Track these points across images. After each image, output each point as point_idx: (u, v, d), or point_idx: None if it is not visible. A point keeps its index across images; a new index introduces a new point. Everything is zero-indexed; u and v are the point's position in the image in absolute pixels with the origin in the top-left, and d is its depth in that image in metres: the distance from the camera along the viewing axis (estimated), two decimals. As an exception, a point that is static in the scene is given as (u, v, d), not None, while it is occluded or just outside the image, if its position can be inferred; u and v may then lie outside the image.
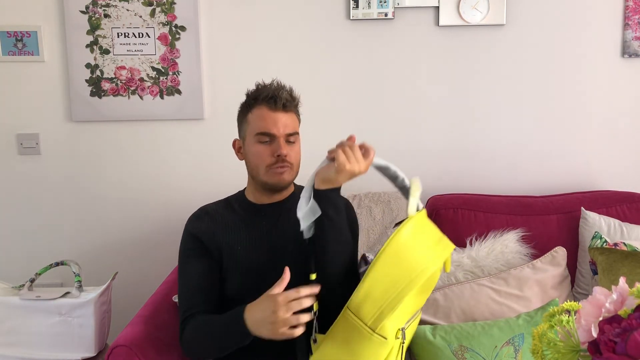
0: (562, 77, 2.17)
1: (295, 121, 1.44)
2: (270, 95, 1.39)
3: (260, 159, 1.40)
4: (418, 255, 1.21)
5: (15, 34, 2.14)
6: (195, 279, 1.42)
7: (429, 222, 1.33)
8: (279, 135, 1.39)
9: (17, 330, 1.71)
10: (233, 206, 1.51)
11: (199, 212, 1.52)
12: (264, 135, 1.39)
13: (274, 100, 1.38)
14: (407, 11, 2.13)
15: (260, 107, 1.40)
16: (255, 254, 1.42)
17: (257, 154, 1.40)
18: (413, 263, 1.19)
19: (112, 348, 1.39)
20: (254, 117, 1.41)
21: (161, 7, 2.13)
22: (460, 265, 1.81)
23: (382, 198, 1.98)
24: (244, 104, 1.46)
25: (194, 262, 1.44)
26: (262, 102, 1.40)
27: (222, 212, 1.50)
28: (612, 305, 0.69)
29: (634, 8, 2.12)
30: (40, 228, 2.24)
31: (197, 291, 1.41)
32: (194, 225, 1.49)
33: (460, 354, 1.51)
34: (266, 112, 1.39)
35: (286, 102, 1.40)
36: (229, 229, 1.46)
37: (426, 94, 2.18)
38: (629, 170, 2.21)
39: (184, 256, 1.48)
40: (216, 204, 1.55)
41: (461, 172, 2.21)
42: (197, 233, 1.46)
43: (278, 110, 1.39)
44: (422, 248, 1.23)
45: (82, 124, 2.20)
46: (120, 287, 2.11)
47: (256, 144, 1.40)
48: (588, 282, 1.88)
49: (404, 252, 1.20)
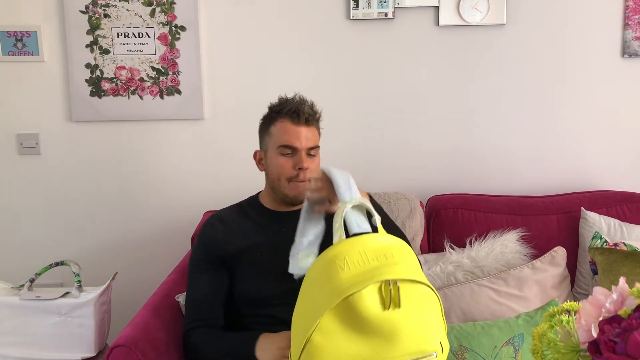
0: (562, 77, 2.17)
1: (316, 135, 1.48)
2: (293, 109, 1.42)
3: (282, 171, 1.44)
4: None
5: (15, 34, 2.14)
6: (203, 290, 1.45)
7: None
8: (301, 148, 1.43)
9: (17, 330, 1.71)
10: (248, 212, 1.53)
11: (212, 221, 1.52)
12: (286, 147, 1.43)
13: (297, 114, 1.42)
14: (407, 11, 2.13)
15: (283, 121, 1.44)
16: (276, 258, 1.42)
17: (279, 166, 1.44)
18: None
19: (112, 348, 1.39)
20: (277, 130, 1.44)
21: (161, 7, 2.13)
22: (460, 265, 1.81)
23: (382, 199, 1.98)
24: (267, 116, 1.49)
25: (205, 273, 1.47)
26: (285, 116, 1.43)
27: (238, 219, 1.51)
28: (612, 305, 0.69)
29: (634, 8, 2.12)
30: (40, 228, 2.24)
31: (205, 302, 1.45)
32: (208, 235, 1.50)
33: (460, 354, 1.51)
34: (289, 126, 1.43)
35: (309, 116, 1.44)
36: (247, 235, 1.48)
37: (426, 94, 2.18)
38: (629, 170, 2.21)
39: (194, 265, 1.49)
40: (229, 210, 1.55)
41: (461, 172, 2.21)
42: (212, 243, 1.47)
43: (301, 124, 1.43)
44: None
45: (82, 124, 2.20)
46: (120, 287, 2.11)
47: (278, 156, 1.44)
48: (588, 282, 1.88)
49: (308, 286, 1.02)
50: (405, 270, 0.97)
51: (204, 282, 1.46)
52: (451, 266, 1.81)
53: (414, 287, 0.96)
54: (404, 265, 0.98)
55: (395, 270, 0.95)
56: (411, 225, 1.93)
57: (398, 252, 1.00)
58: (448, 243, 1.92)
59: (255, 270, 1.44)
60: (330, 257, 0.98)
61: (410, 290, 0.96)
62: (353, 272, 0.95)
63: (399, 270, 0.95)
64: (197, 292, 1.47)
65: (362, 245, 0.99)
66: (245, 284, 1.45)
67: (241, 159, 2.20)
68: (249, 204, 1.56)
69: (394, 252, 0.99)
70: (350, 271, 0.95)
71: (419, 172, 2.21)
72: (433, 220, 1.99)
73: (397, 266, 0.96)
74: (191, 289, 1.49)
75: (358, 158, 2.20)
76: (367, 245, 0.99)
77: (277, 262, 1.42)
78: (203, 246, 1.49)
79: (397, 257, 0.98)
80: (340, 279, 0.94)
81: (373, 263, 0.96)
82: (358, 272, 0.95)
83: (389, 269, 0.95)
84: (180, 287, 1.74)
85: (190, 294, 1.49)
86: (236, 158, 2.21)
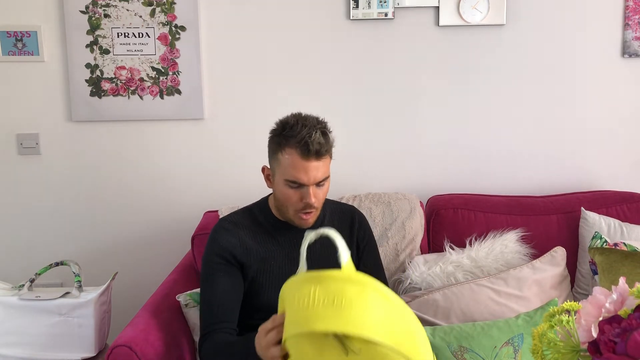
0: (562, 77, 2.17)
1: (327, 165, 1.39)
2: (303, 141, 1.31)
3: (289, 202, 1.39)
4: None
5: (15, 34, 2.14)
6: (220, 295, 1.41)
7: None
8: (309, 184, 1.36)
9: (17, 330, 1.71)
10: (258, 219, 1.50)
11: (227, 225, 1.48)
12: (293, 182, 1.36)
13: (306, 147, 1.31)
14: (407, 11, 2.13)
15: (291, 152, 1.34)
16: (289, 268, 1.43)
17: (286, 196, 1.39)
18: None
19: (112, 348, 1.39)
20: (285, 161, 1.35)
21: (161, 7, 2.13)
22: (460, 265, 1.81)
23: (382, 199, 1.98)
24: (275, 137, 1.39)
25: (221, 277, 1.42)
26: (294, 147, 1.33)
27: (250, 226, 1.48)
28: (612, 305, 0.69)
29: (634, 8, 2.12)
30: (40, 228, 2.24)
31: (222, 306, 1.40)
32: (224, 238, 1.45)
33: (459, 355, 1.51)
34: (297, 160, 1.33)
35: (320, 147, 1.33)
36: (261, 243, 1.46)
37: (426, 94, 2.18)
38: (629, 170, 2.21)
39: (210, 269, 1.44)
40: (241, 216, 1.51)
41: (461, 172, 2.21)
42: (229, 247, 1.43)
43: (310, 159, 1.33)
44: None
45: (82, 124, 2.20)
46: (120, 287, 2.11)
47: (285, 187, 1.38)
48: (588, 282, 1.88)
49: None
50: (353, 326, 0.84)
51: (222, 285, 1.42)
52: (451, 266, 1.81)
53: (365, 344, 0.85)
54: (356, 318, 0.85)
55: (334, 320, 0.84)
56: (411, 225, 1.93)
57: (354, 299, 0.87)
58: (448, 243, 1.92)
59: (269, 280, 1.43)
60: (290, 284, 0.95)
61: (362, 345, 0.85)
62: (296, 310, 0.90)
63: (337, 322, 0.84)
64: (214, 295, 1.41)
65: (316, 280, 0.90)
66: (258, 293, 1.43)
67: (241, 159, 2.21)
68: (259, 210, 1.52)
69: (347, 298, 0.86)
70: (294, 308, 0.90)
71: (419, 172, 2.21)
72: (433, 220, 1.99)
73: (335, 316, 0.85)
74: (208, 291, 1.43)
75: (358, 158, 2.20)
76: (323, 282, 0.89)
77: (291, 274, 1.42)
78: (220, 249, 1.44)
79: (350, 306, 0.86)
80: (290, 311, 0.92)
81: (318, 306, 0.87)
82: (298, 313, 0.89)
83: (323, 318, 0.85)
84: (180, 287, 1.74)
85: (207, 297, 1.43)
86: (236, 158, 2.21)
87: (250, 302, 1.45)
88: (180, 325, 1.63)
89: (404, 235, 1.91)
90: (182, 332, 1.61)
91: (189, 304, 1.64)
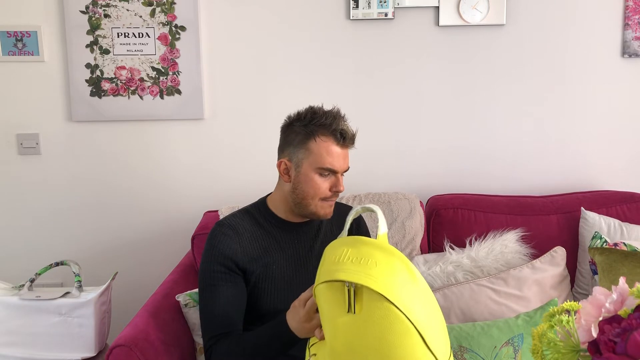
0: (562, 77, 2.17)
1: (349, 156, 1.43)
2: (339, 129, 1.35)
3: (318, 191, 1.38)
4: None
5: (15, 34, 2.14)
6: (223, 304, 1.37)
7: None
8: (341, 172, 1.39)
9: (17, 330, 1.71)
10: (259, 221, 1.46)
11: (226, 230, 1.42)
12: (327, 170, 1.37)
13: (342, 136, 1.36)
14: (407, 11, 2.13)
15: (327, 140, 1.36)
16: (291, 272, 1.42)
17: (315, 186, 1.37)
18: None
19: (112, 348, 1.39)
20: (319, 149, 1.35)
21: (161, 7, 2.13)
22: (459, 265, 1.81)
23: (383, 198, 1.98)
24: (304, 127, 1.37)
25: (223, 286, 1.38)
26: (330, 134, 1.35)
27: (251, 229, 1.44)
28: (612, 305, 0.69)
29: (634, 8, 2.12)
30: (40, 228, 2.24)
31: (225, 316, 1.36)
32: (225, 244, 1.40)
33: (459, 355, 1.51)
34: (333, 147, 1.36)
35: (353, 138, 1.39)
36: (263, 248, 1.43)
37: (426, 94, 2.18)
38: (629, 170, 2.21)
39: (210, 277, 1.39)
40: (240, 218, 1.46)
41: (461, 172, 2.22)
42: (230, 254, 1.39)
43: (345, 146, 1.38)
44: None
45: (82, 124, 2.20)
46: (120, 287, 2.11)
47: (316, 175, 1.37)
48: (588, 282, 1.88)
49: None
50: (372, 280, 0.90)
51: (224, 295, 1.37)
52: (451, 266, 1.81)
53: (379, 301, 0.90)
54: (377, 275, 0.91)
55: (355, 274, 0.92)
56: (411, 225, 1.93)
57: (381, 262, 0.93)
58: (448, 243, 1.92)
59: (272, 285, 1.40)
60: (330, 246, 1.03)
61: (373, 303, 0.90)
62: (327, 264, 0.98)
63: (364, 277, 0.91)
64: (216, 306, 1.36)
65: (351, 244, 0.98)
66: (261, 298, 1.41)
67: (241, 159, 2.21)
68: (258, 211, 1.48)
69: (377, 261, 0.93)
70: (326, 262, 0.98)
71: (419, 172, 2.22)
72: (433, 220, 1.99)
73: (363, 272, 0.92)
74: (209, 302, 1.38)
75: (358, 158, 2.19)
76: (356, 245, 0.97)
77: (294, 277, 1.41)
78: (220, 256, 1.39)
79: (375, 266, 0.93)
80: (323, 264, 0.99)
81: (346, 262, 0.94)
82: (329, 267, 0.97)
83: (346, 270, 0.93)
84: (180, 287, 1.74)
85: (209, 308, 1.38)
86: (236, 158, 2.21)
87: (252, 308, 1.42)
88: (180, 325, 1.63)
89: (403, 235, 1.92)
90: (182, 332, 1.62)
91: (189, 303, 1.64)
